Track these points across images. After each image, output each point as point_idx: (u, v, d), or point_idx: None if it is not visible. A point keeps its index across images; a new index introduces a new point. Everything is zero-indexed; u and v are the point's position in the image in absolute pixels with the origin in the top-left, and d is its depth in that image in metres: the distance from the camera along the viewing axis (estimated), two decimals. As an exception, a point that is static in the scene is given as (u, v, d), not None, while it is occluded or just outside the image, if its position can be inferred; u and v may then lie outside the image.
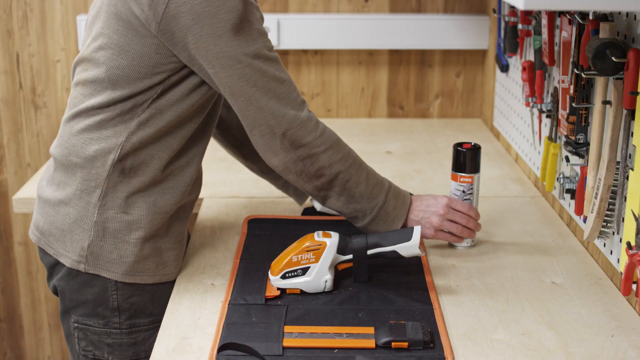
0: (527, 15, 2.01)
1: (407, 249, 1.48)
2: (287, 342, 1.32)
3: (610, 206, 1.50)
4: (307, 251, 1.48)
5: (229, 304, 1.45)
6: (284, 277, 1.49)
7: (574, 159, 1.74)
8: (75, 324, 1.56)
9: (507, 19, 2.18)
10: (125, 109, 1.46)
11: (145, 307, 1.55)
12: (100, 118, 1.48)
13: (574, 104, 1.65)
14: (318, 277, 1.48)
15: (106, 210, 1.49)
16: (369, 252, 1.49)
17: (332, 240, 1.48)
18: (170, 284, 1.56)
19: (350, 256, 1.50)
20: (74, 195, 1.51)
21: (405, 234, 1.49)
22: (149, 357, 1.52)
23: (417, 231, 1.49)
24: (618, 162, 1.47)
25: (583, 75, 1.53)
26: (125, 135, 1.47)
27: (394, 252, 1.49)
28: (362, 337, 1.33)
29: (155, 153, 1.49)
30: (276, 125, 1.45)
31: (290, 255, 1.49)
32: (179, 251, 1.58)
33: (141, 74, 1.44)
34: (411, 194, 1.65)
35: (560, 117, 1.77)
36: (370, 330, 1.35)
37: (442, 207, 1.61)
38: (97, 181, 1.49)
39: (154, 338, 1.53)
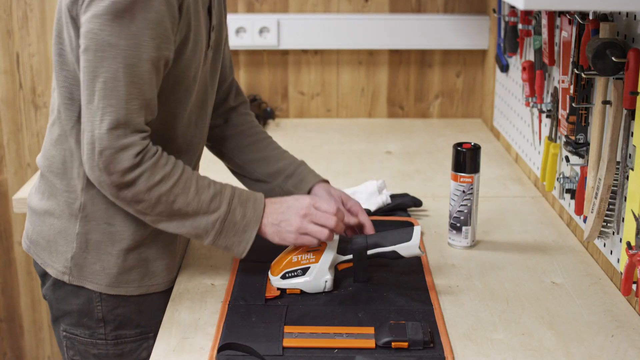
0: (527, 15, 2.01)
1: (407, 249, 1.48)
2: (287, 342, 1.32)
3: (610, 206, 1.50)
4: (307, 251, 1.48)
5: (229, 304, 1.45)
6: (284, 277, 1.48)
7: (574, 159, 1.74)
8: (64, 333, 1.54)
9: (507, 19, 2.18)
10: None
11: (131, 319, 1.52)
12: (68, 127, 1.44)
13: (574, 104, 1.65)
14: (318, 277, 1.48)
15: (88, 222, 1.46)
16: (369, 252, 1.49)
17: (332, 240, 1.48)
18: (160, 295, 1.53)
19: (350, 256, 1.50)
20: (57, 206, 1.48)
21: (405, 233, 1.49)
22: None
23: (417, 231, 1.49)
24: (618, 162, 1.47)
25: (583, 75, 1.53)
26: None
27: (394, 252, 1.49)
28: (362, 337, 1.33)
29: None
30: (98, 139, 1.31)
31: (290, 255, 1.49)
32: (169, 261, 1.54)
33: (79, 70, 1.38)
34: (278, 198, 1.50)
35: (560, 117, 1.77)
36: (370, 330, 1.35)
37: (303, 208, 1.44)
38: (76, 193, 1.46)
39: (142, 349, 1.53)
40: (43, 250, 1.52)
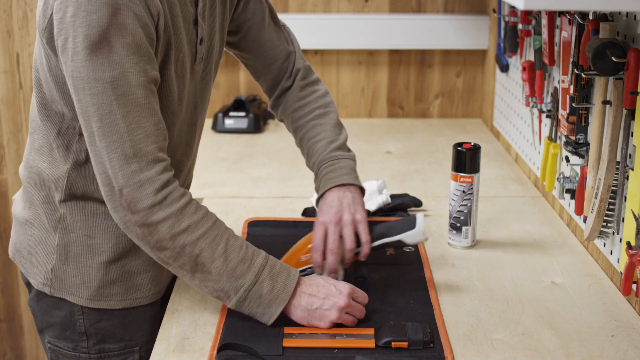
0: (527, 15, 2.01)
1: (412, 236, 1.48)
2: (287, 342, 1.32)
3: (610, 206, 1.50)
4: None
5: (229, 304, 1.45)
6: None
7: (574, 159, 1.74)
8: (49, 344, 1.51)
9: (507, 19, 2.18)
10: (59, 132, 1.38)
11: (114, 333, 1.47)
12: (47, 140, 1.40)
13: (574, 104, 1.65)
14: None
15: (68, 234, 1.42)
16: (375, 243, 1.49)
17: None
18: (145, 308, 1.49)
19: (357, 249, 1.49)
20: (37, 216, 1.45)
21: (409, 222, 1.49)
22: None
23: (420, 218, 1.48)
24: (618, 162, 1.47)
25: (583, 75, 1.53)
26: (70, 162, 1.39)
27: (400, 241, 1.48)
28: (362, 337, 1.33)
29: None
30: (112, 179, 1.26)
31: (298, 255, 1.49)
32: (155, 273, 1.48)
33: (55, 91, 1.35)
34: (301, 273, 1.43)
35: (560, 117, 1.77)
36: (370, 330, 1.35)
37: (344, 300, 1.35)
38: (55, 205, 1.42)
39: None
40: (25, 260, 1.49)
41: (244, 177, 2.14)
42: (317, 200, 1.54)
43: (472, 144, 1.69)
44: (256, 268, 1.33)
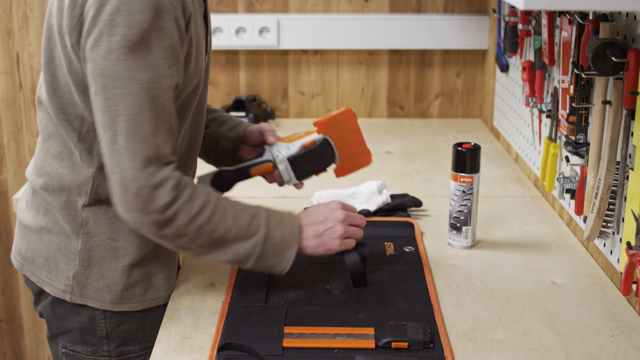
0: (527, 15, 2.01)
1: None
2: (287, 342, 1.32)
3: (610, 206, 1.50)
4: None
5: (229, 305, 1.45)
6: None
7: (574, 159, 1.74)
8: (64, 349, 1.51)
9: (507, 19, 2.18)
10: (80, 136, 1.38)
11: (135, 335, 1.48)
12: (68, 144, 1.39)
13: (574, 104, 1.65)
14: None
15: (91, 238, 1.42)
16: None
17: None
18: (162, 308, 1.48)
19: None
20: (55, 223, 1.44)
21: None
22: None
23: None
24: (618, 162, 1.47)
25: (583, 75, 1.53)
26: (95, 166, 1.39)
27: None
28: (362, 337, 1.33)
29: None
30: (131, 180, 1.26)
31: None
32: (170, 273, 1.50)
33: (75, 94, 1.34)
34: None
35: (560, 117, 1.77)
36: (370, 330, 1.35)
37: (342, 213, 1.44)
38: (77, 210, 1.41)
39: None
40: (40, 269, 1.47)
41: (244, 177, 2.14)
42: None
43: (472, 144, 1.69)
44: (264, 221, 1.38)
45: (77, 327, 1.47)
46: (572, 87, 1.66)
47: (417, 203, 1.92)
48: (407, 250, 1.68)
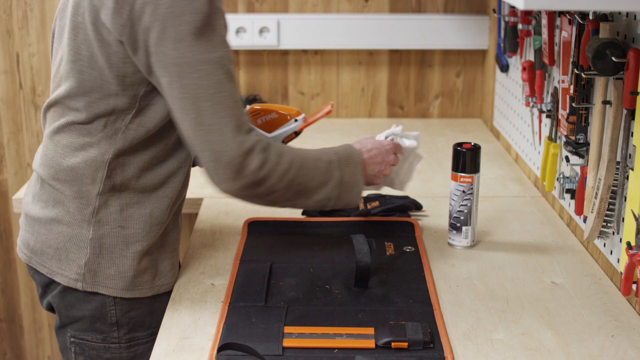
0: (527, 15, 2.01)
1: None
2: (287, 342, 1.32)
3: (610, 206, 1.50)
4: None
5: (229, 305, 1.45)
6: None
7: (574, 159, 1.74)
8: (72, 339, 1.53)
9: (507, 19, 2.18)
10: (106, 125, 1.42)
11: (143, 321, 1.52)
12: (83, 134, 1.43)
13: (574, 104, 1.65)
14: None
15: (102, 226, 1.45)
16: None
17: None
18: (167, 295, 1.53)
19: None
20: (66, 213, 1.46)
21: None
22: None
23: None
24: (618, 162, 1.47)
25: (583, 75, 1.53)
26: (112, 152, 1.42)
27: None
28: (362, 337, 1.33)
29: (144, 165, 1.45)
30: (223, 152, 1.34)
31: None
32: (174, 260, 1.55)
33: (113, 85, 1.39)
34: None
35: (560, 117, 1.77)
36: (370, 330, 1.35)
37: (387, 143, 1.61)
38: (89, 198, 1.44)
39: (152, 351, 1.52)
40: (50, 259, 1.49)
41: (244, 177, 2.14)
42: None
43: (472, 144, 1.69)
44: (336, 165, 1.51)
45: (87, 315, 1.50)
46: (572, 87, 1.66)
47: (418, 206, 1.91)
48: (407, 250, 1.68)
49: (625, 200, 1.47)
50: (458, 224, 1.70)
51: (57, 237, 1.48)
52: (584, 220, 1.63)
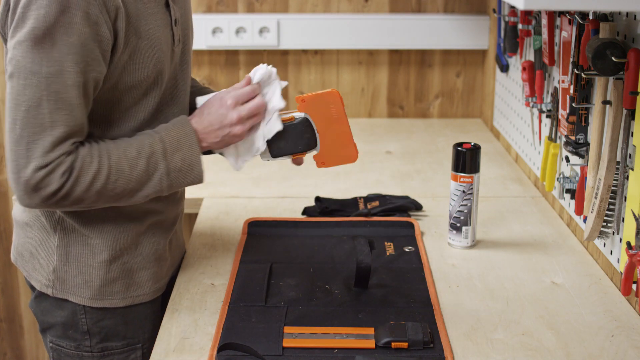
0: (527, 15, 2.01)
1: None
2: (287, 342, 1.32)
3: (610, 206, 1.50)
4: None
5: (229, 305, 1.45)
6: None
7: (574, 159, 1.74)
8: (50, 344, 1.52)
9: (507, 19, 2.18)
10: None
11: (117, 331, 1.49)
12: None
13: (574, 104, 1.65)
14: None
15: (67, 234, 1.43)
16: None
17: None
18: (147, 305, 1.50)
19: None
20: (36, 218, 1.46)
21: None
22: None
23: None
24: (618, 162, 1.47)
25: (583, 75, 1.53)
26: None
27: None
28: (362, 337, 1.33)
29: None
30: (22, 169, 1.27)
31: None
32: (155, 270, 1.50)
33: None
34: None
35: (560, 117, 1.77)
36: (370, 330, 1.35)
37: (226, 100, 1.42)
38: None
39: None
40: (27, 263, 1.49)
41: (244, 177, 2.14)
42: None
43: (472, 144, 1.69)
44: (161, 155, 1.37)
45: (60, 322, 1.49)
46: (572, 87, 1.66)
47: (418, 206, 1.91)
48: (407, 250, 1.68)
49: (625, 200, 1.47)
50: (458, 224, 1.70)
51: (31, 241, 1.48)
52: (584, 220, 1.63)
